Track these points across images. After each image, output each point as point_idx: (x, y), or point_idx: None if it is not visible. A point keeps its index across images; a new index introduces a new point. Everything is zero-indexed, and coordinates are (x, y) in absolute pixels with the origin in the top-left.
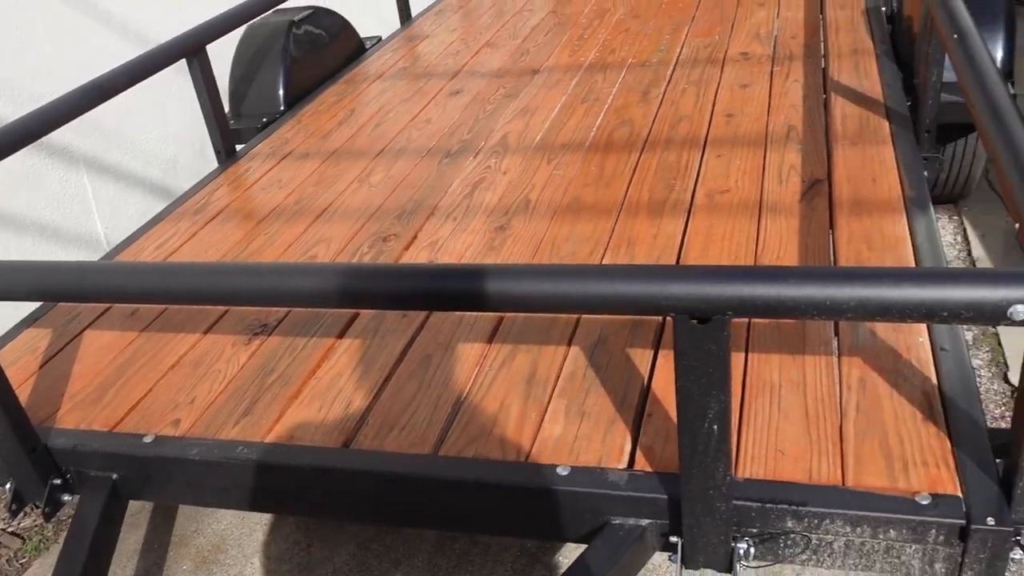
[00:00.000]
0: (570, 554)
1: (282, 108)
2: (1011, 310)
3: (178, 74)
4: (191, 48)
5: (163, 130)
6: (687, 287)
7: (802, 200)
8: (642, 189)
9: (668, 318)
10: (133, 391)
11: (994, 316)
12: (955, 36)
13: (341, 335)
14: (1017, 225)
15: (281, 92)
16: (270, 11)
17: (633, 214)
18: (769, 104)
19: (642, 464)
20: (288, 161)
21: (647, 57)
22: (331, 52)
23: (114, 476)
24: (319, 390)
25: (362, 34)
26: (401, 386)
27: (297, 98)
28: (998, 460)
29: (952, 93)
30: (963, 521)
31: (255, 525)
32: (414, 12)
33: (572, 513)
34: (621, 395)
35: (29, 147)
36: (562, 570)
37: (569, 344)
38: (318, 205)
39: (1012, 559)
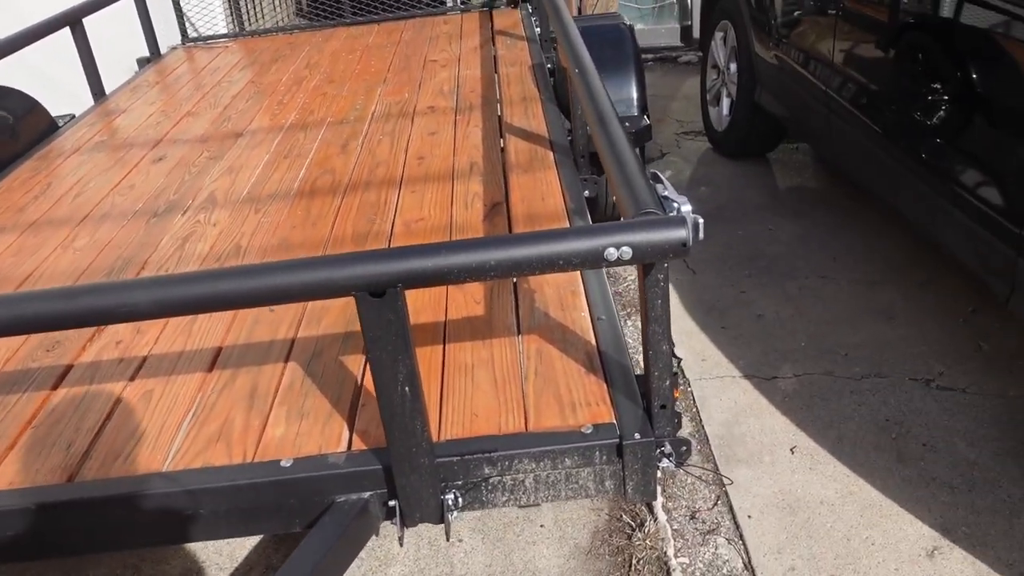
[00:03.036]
0: None
1: None
2: (606, 253)
3: None
4: None
5: None
6: (361, 268)
7: (485, 220)
8: (346, 225)
9: None
10: None
11: (595, 260)
12: (576, 71)
13: (56, 386)
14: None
15: None
16: None
17: (339, 245)
18: (454, 146)
19: (358, 445)
20: None
21: (344, 115)
22: (19, 131)
23: None
24: (38, 437)
25: (54, 113)
26: (123, 421)
27: None
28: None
29: None
30: (617, 440)
31: None
32: (108, 90)
33: (299, 500)
34: (337, 395)
35: None
36: None
37: (287, 360)
38: (19, 274)
39: (663, 468)
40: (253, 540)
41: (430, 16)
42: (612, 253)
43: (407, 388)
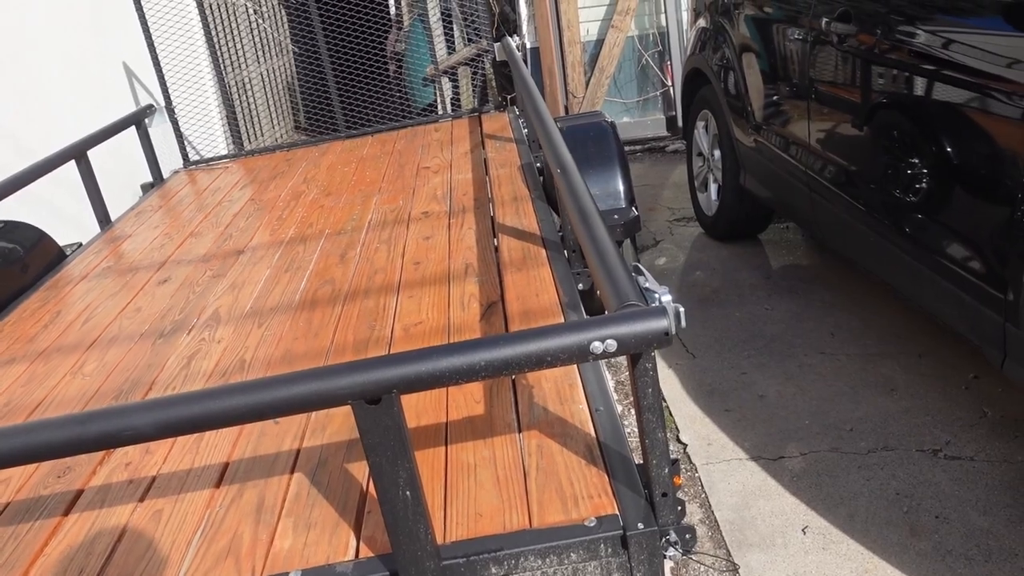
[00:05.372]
0: None
1: None
2: (591, 347)
3: None
4: None
5: None
6: (356, 377)
7: (481, 319)
8: (347, 333)
9: None
10: None
11: (582, 355)
12: (559, 171)
13: (67, 512)
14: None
15: None
16: None
17: (340, 354)
18: (449, 249)
19: (365, 552)
20: None
21: (342, 226)
22: (28, 262)
23: None
24: (49, 565)
25: (61, 242)
26: (134, 543)
27: None
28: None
29: None
30: (621, 531)
31: None
32: (113, 217)
33: None
34: (343, 503)
35: None
36: None
37: (292, 472)
38: (31, 402)
39: (670, 557)
40: None
41: (422, 125)
42: (598, 347)
43: (408, 492)
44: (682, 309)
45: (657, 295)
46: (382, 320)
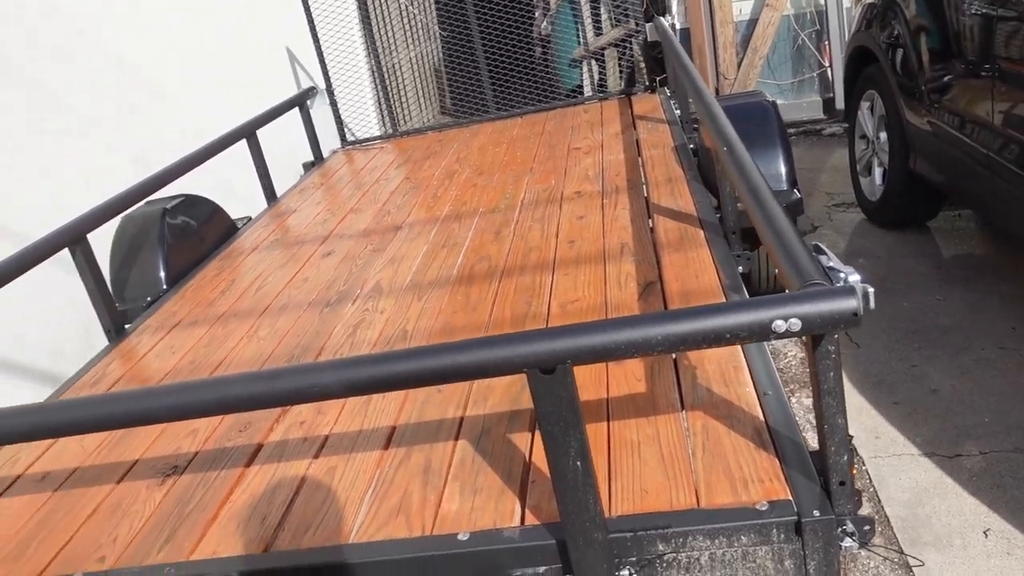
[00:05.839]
0: None
1: (164, 288)
2: (773, 325)
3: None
4: (73, 238)
5: (45, 323)
6: (532, 346)
7: (640, 299)
8: (504, 308)
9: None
10: (54, 542)
11: (763, 333)
12: (724, 149)
13: (249, 464)
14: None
15: (162, 274)
16: (143, 201)
17: (499, 328)
18: (603, 228)
19: (531, 520)
20: (178, 330)
21: (495, 205)
22: (205, 233)
23: None
24: (235, 511)
25: (232, 216)
26: (311, 496)
27: (177, 278)
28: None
29: None
30: (795, 518)
31: None
32: (279, 193)
33: (477, 573)
34: (507, 471)
35: None
36: None
37: (456, 439)
38: (212, 361)
39: (845, 548)
40: None
41: (570, 107)
42: (780, 325)
43: (579, 462)
44: (871, 290)
45: (843, 274)
46: (538, 297)
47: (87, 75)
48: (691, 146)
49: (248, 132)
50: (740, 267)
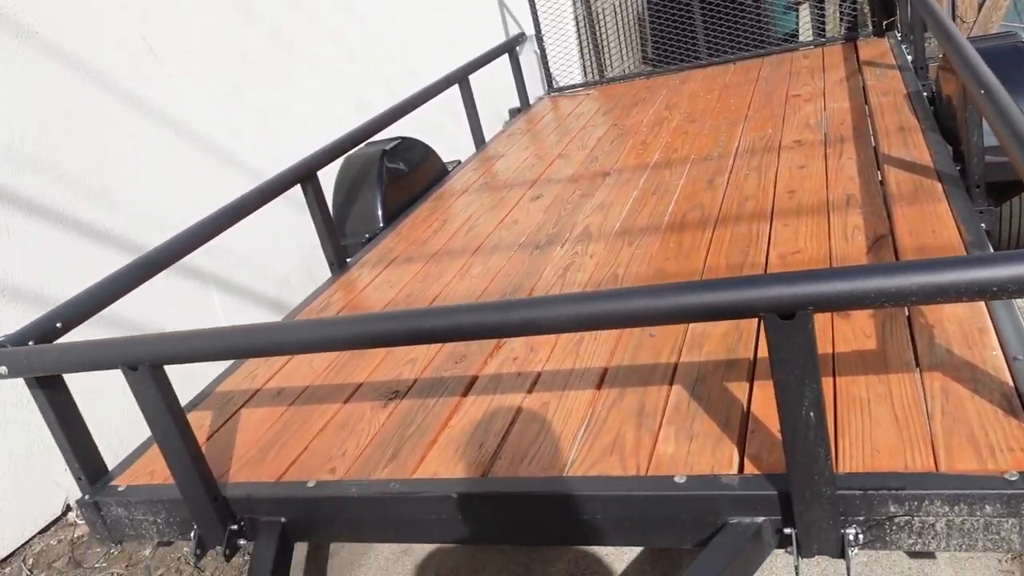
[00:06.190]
0: None
1: (381, 225)
2: None
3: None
4: (305, 174)
5: (276, 254)
6: (773, 290)
7: (868, 252)
8: (719, 256)
9: (761, 327)
10: (291, 450)
11: None
12: (982, 92)
13: (465, 393)
14: None
15: (380, 212)
16: (364, 143)
17: (714, 275)
18: (827, 179)
19: (751, 469)
20: (394, 266)
21: (708, 152)
22: (419, 174)
23: (283, 520)
24: (453, 436)
25: (444, 159)
26: (525, 428)
27: (393, 216)
28: None
29: (997, 155)
30: None
31: None
32: (487, 138)
33: (692, 517)
34: (724, 418)
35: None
36: None
37: (671, 384)
38: (428, 295)
39: None
40: (631, 554)
41: (787, 52)
42: None
43: (812, 413)
44: None
45: None
46: (755, 247)
47: (324, 25)
48: (926, 94)
49: (460, 77)
50: (983, 224)
